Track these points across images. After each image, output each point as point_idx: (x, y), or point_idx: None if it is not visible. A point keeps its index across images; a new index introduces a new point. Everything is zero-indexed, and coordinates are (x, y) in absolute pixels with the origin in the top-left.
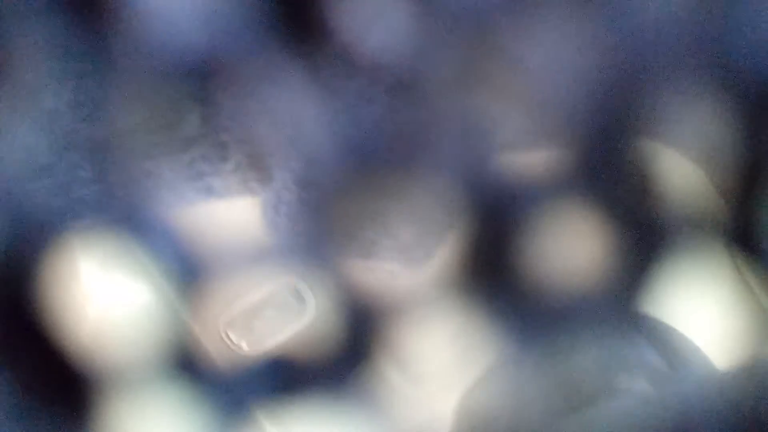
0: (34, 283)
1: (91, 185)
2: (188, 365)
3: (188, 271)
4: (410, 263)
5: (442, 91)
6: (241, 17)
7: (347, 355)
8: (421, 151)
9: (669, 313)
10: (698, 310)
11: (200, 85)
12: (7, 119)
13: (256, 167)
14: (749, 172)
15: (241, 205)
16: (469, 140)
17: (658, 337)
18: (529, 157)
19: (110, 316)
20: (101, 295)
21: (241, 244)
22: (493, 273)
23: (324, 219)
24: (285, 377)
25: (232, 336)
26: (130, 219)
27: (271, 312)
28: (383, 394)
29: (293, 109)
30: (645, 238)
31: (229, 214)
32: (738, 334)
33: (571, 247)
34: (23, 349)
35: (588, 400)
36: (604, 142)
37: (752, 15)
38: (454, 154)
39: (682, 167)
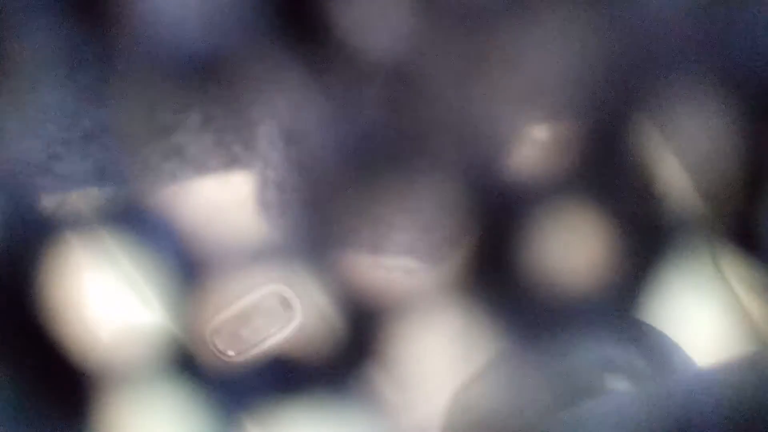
0: (32, 284)
1: (91, 185)
2: (176, 370)
3: (177, 273)
4: (409, 264)
5: (442, 91)
6: (242, 17)
7: (336, 360)
8: (422, 151)
9: (662, 315)
10: (688, 316)
11: (201, 84)
12: (7, 119)
13: (257, 167)
14: (750, 173)
15: (238, 202)
16: (470, 139)
17: (646, 341)
18: (530, 157)
19: (102, 319)
20: (96, 296)
21: (231, 248)
22: (492, 271)
23: (322, 219)
24: (273, 381)
25: (218, 343)
26: (128, 219)
27: (258, 319)
28: (373, 399)
29: (294, 109)
30: (645, 237)
31: (224, 213)
32: (725, 341)
33: (570, 246)
34: (22, 350)
35: (577, 398)
36: (605, 143)
37: (752, 17)
38: (454, 153)
39: (683, 168)
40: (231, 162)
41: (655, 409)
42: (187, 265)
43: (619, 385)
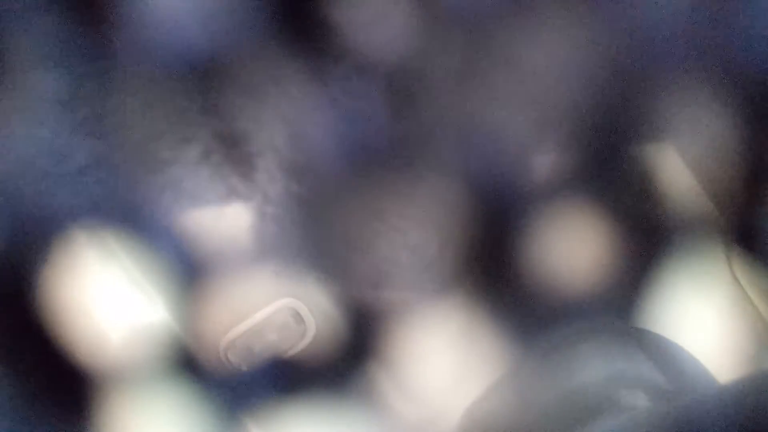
0: (35, 285)
1: (92, 187)
2: (181, 372)
3: (189, 285)
4: (409, 297)
5: (442, 92)
6: (242, 17)
7: (345, 371)
8: (422, 152)
9: (669, 323)
10: (698, 320)
11: (201, 85)
12: (8, 120)
13: (256, 199)
14: (752, 173)
15: (244, 216)
16: (470, 142)
17: (659, 352)
18: (530, 159)
19: (106, 321)
20: (100, 299)
21: (242, 262)
22: (498, 282)
23: (324, 225)
24: (279, 387)
25: (232, 358)
26: (132, 223)
27: (271, 334)
28: (383, 411)
29: (294, 110)
30: (647, 241)
31: (231, 226)
32: (738, 345)
33: (576, 252)
34: (24, 350)
35: (591, 415)
36: (606, 144)
37: (753, 17)
38: (455, 155)
39: (686, 169)
40: (229, 194)
41: (671, 426)
42: (193, 275)
43: (633, 401)
